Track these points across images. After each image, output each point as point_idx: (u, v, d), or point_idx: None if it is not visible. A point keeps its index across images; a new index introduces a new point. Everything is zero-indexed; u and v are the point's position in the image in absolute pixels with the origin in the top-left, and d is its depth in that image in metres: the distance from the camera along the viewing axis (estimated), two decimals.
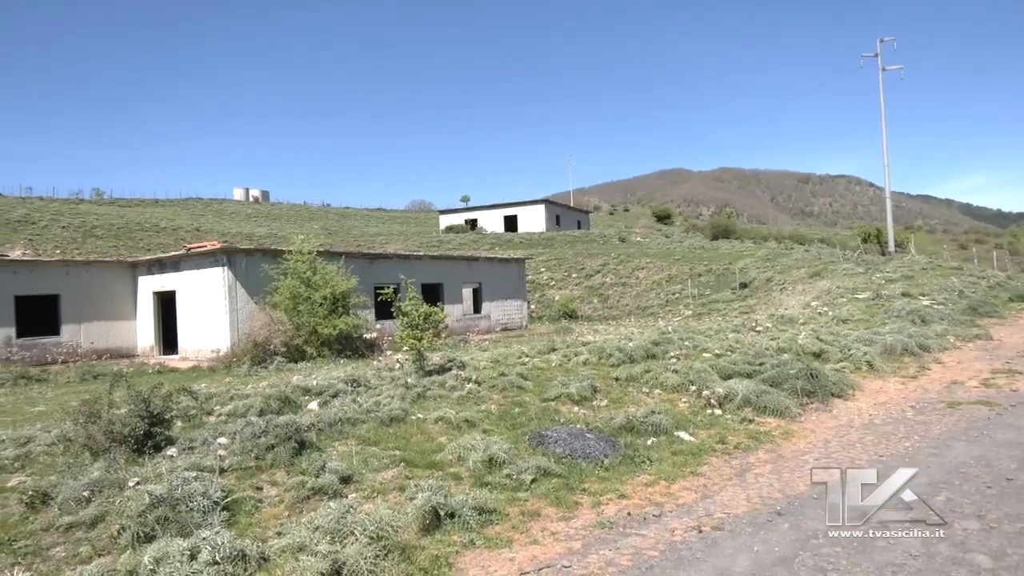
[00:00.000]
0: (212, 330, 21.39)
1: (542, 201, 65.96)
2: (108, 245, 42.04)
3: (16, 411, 13.15)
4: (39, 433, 8.77)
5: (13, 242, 37.76)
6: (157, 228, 49.12)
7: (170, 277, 23.34)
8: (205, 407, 9.83)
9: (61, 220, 46.54)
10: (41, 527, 5.64)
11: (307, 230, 52.36)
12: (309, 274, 20.70)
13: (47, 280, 22.81)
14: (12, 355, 21.22)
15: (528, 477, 6.87)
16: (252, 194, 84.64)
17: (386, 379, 11.70)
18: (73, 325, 23.03)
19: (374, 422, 8.72)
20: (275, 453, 7.05)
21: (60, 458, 7.68)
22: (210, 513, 5.55)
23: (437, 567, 4.99)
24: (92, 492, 5.92)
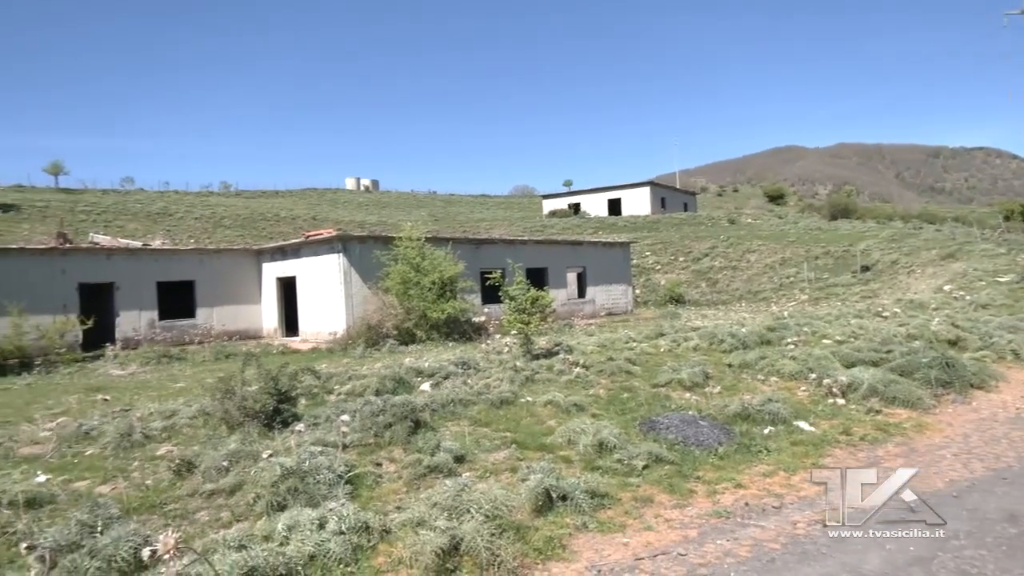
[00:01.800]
0: (329, 314, 22.49)
1: (647, 183, 64.58)
2: (235, 234, 45.03)
3: (160, 387, 14.39)
4: (182, 407, 9.57)
5: (154, 233, 41.20)
6: (278, 217, 52.14)
7: (291, 263, 24.71)
8: (326, 386, 10.36)
9: (194, 212, 50.28)
10: (187, 492, 6.16)
11: (415, 217, 53.91)
12: (418, 260, 21.31)
13: (184, 267, 24.75)
14: (155, 336, 23.23)
15: (640, 463, 6.79)
16: (363, 183, 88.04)
17: (494, 362, 11.89)
18: (207, 308, 24.89)
19: (484, 404, 8.89)
20: (393, 431, 7.34)
21: (201, 430, 8.36)
22: (335, 486, 5.85)
23: (551, 548, 5.03)
24: (230, 462, 6.40)
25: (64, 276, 21.96)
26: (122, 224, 43.34)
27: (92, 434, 8.42)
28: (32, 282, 21.12)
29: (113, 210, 47.04)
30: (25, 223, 39.99)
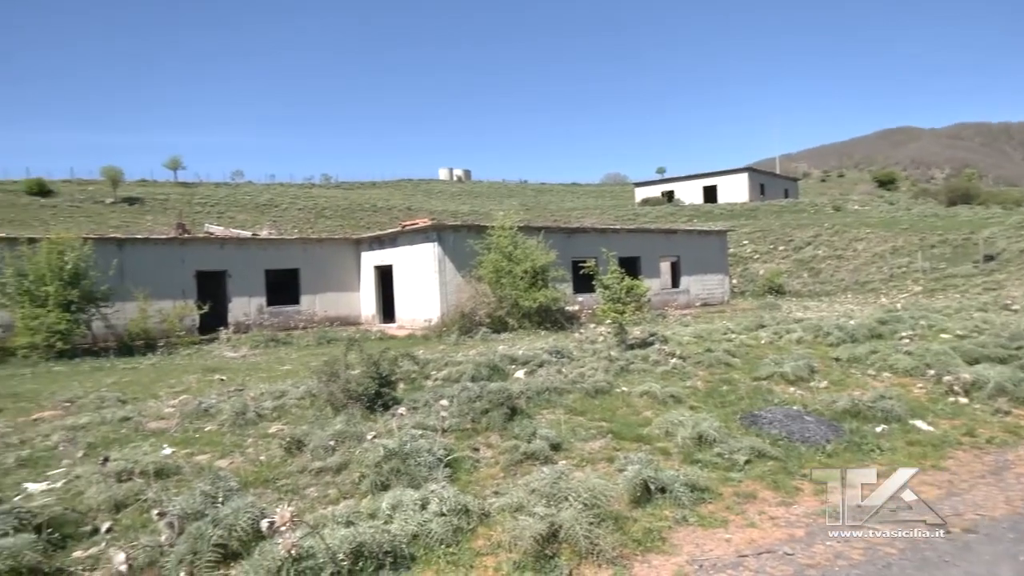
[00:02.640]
0: (424, 301, 23.05)
1: (744, 169, 62.28)
2: (335, 224, 46.88)
3: (269, 369, 15.20)
4: (290, 388, 10.07)
5: (261, 223, 43.47)
6: (375, 208, 53.86)
7: (388, 252, 25.47)
8: (423, 371, 10.63)
9: (297, 203, 52.69)
10: (297, 469, 6.47)
11: (506, 206, 54.31)
12: (511, 248, 21.47)
13: (289, 256, 26.01)
14: (264, 321, 24.56)
15: (741, 457, 6.58)
16: (456, 174, 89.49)
17: (588, 351, 11.83)
18: (310, 295, 26.07)
19: (579, 393, 8.86)
20: (489, 417, 7.44)
21: (308, 411, 8.77)
22: (435, 469, 5.99)
23: (650, 539, 4.96)
24: (336, 442, 6.68)
25: (183, 264, 23.56)
26: (233, 215, 45.98)
27: (210, 411, 9.00)
28: (155, 270, 22.78)
29: (225, 202, 49.99)
30: (148, 215, 43.12)
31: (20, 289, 18.80)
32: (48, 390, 12.93)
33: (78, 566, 4.59)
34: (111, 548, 4.71)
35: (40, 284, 18.71)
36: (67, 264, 18.94)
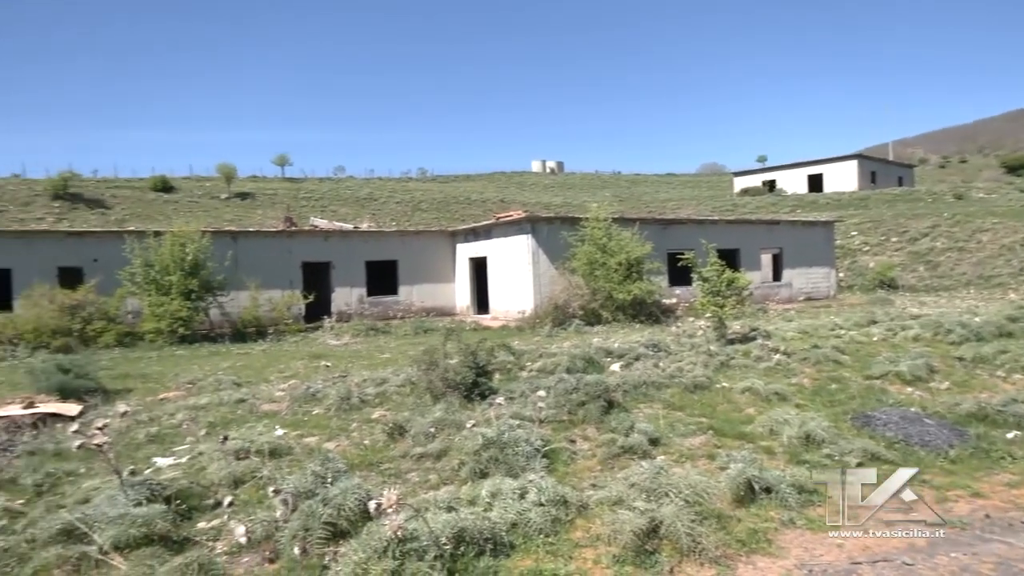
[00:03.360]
0: (518, 293, 23.21)
1: (853, 156, 58.85)
2: (431, 217, 47.94)
3: (370, 357, 15.75)
4: (390, 376, 10.39)
5: (361, 216, 45.07)
6: (469, 200, 54.67)
7: (482, 244, 25.81)
8: (519, 362, 10.70)
9: (395, 197, 54.22)
10: (399, 454, 6.68)
11: (599, 198, 53.79)
12: (605, 240, 21.26)
13: (388, 248, 26.84)
14: (364, 310, 25.48)
15: (853, 460, 6.25)
16: (548, 165, 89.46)
17: (686, 345, 11.56)
18: (407, 286, 26.82)
19: (678, 388, 8.68)
20: (586, 410, 7.41)
21: (408, 398, 9.02)
22: (532, 459, 6.03)
23: (755, 540, 4.80)
24: (436, 429, 6.84)
25: (291, 256, 24.78)
26: (335, 209, 47.88)
27: (317, 396, 9.43)
28: (266, 261, 24.08)
29: (328, 196, 52.12)
30: (259, 209, 45.59)
31: (147, 278, 20.33)
32: (172, 372, 13.94)
33: (203, 536, 4.92)
34: (232, 521, 5.02)
35: (164, 274, 20.17)
36: (188, 255, 20.32)
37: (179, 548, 4.65)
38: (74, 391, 10.64)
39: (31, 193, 40.14)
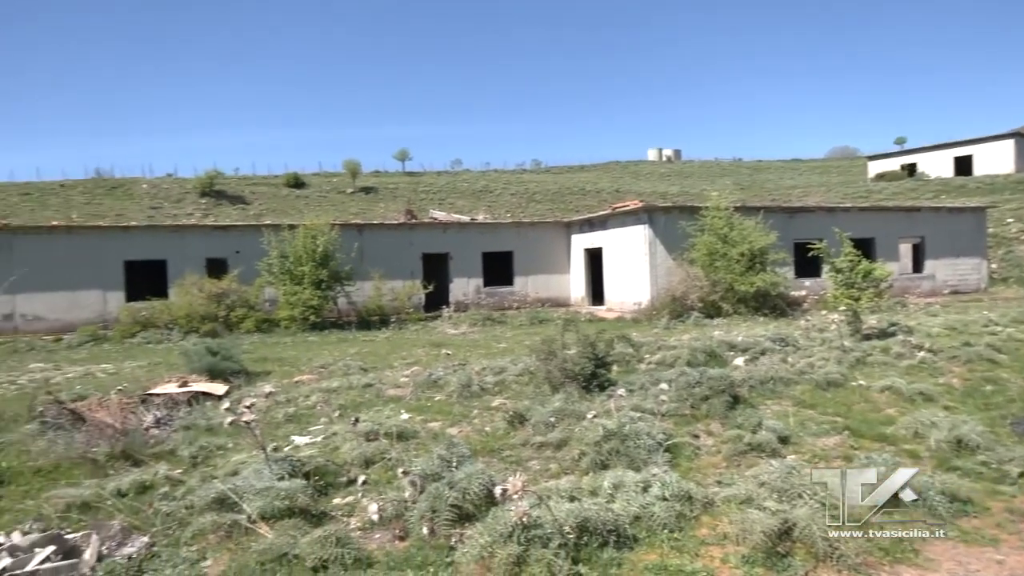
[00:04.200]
0: (634, 284, 22.86)
1: (1011, 135, 53.13)
2: (545, 208, 48.11)
3: (487, 346, 16.06)
4: (508, 365, 10.54)
5: (477, 208, 45.97)
6: (583, 191, 54.40)
7: (597, 235, 25.61)
8: (637, 354, 10.55)
9: (510, 188, 54.85)
10: (519, 442, 6.77)
11: (719, 186, 51.92)
12: (726, 230, 20.49)
13: (504, 239, 27.21)
14: (481, 301, 26.01)
15: (1014, 469, 5.68)
16: (665, 154, 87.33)
17: (816, 340, 10.95)
18: (522, 277, 27.10)
19: (808, 384, 8.24)
20: (709, 404, 7.19)
21: (526, 387, 9.12)
22: (654, 452, 5.92)
23: (900, 550, 4.47)
24: (556, 419, 6.87)
25: (411, 247, 25.69)
26: (452, 201, 49.12)
27: (439, 383, 9.73)
28: (388, 252, 25.10)
29: (445, 189, 53.54)
30: (381, 203, 47.56)
31: (282, 269, 21.77)
32: (304, 356, 14.85)
33: (338, 511, 5.21)
34: (364, 499, 5.28)
35: (297, 264, 21.50)
36: (319, 247, 21.55)
37: (317, 521, 4.94)
38: (221, 372, 11.56)
39: (181, 191, 43.93)
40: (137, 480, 5.99)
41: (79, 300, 22.15)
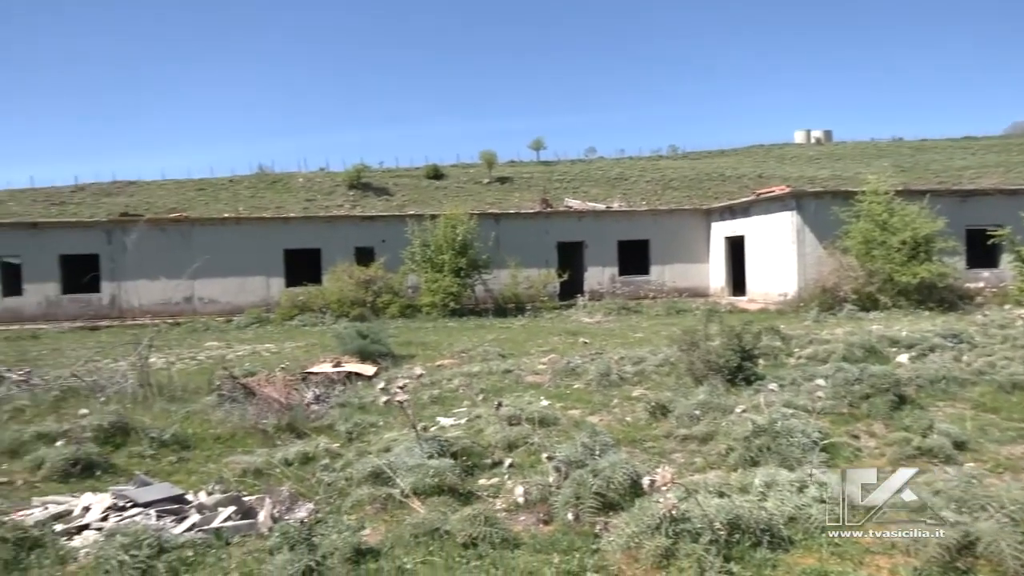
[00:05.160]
0: (779, 274, 21.69)
1: None
2: (682, 195, 46.72)
3: (623, 335, 15.89)
4: (647, 355, 10.36)
5: (612, 196, 45.48)
6: (723, 177, 52.25)
7: (740, 223, 24.51)
8: (786, 348, 10.01)
9: (646, 175, 53.76)
10: (662, 434, 6.63)
11: (876, 168, 47.93)
12: (885, 216, 18.94)
13: (640, 227, 26.75)
14: (615, 290, 25.77)
15: None
16: (813, 135, 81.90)
17: (996, 337, 9.88)
18: (659, 266, 26.52)
19: (989, 386, 7.44)
20: (871, 403, 6.68)
21: (667, 378, 8.92)
22: (809, 452, 5.58)
23: None
24: (701, 412, 6.66)
25: (547, 236, 25.89)
26: (586, 190, 48.92)
27: (577, 371, 9.75)
28: (524, 241, 25.44)
29: (579, 177, 53.40)
30: (516, 192, 48.28)
31: (424, 257, 22.71)
32: (446, 341, 15.42)
33: (484, 492, 5.36)
34: (510, 481, 5.39)
35: (438, 253, 22.34)
36: (458, 236, 22.26)
37: (465, 500, 5.10)
38: (370, 354, 12.25)
39: (332, 184, 46.90)
40: (301, 451, 6.48)
41: (246, 285, 24.33)
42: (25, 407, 8.55)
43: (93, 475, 6.11)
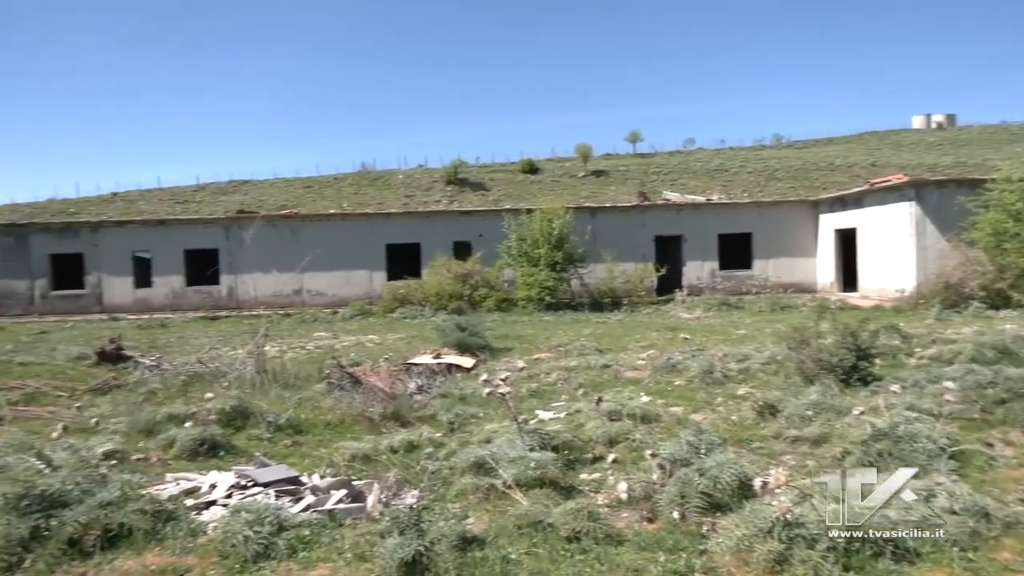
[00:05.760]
0: (895, 269, 20.36)
1: None
2: (787, 187, 44.68)
3: (724, 332, 15.39)
4: (752, 353, 9.99)
5: (711, 188, 44.12)
6: (832, 166, 49.54)
7: (851, 214, 23.18)
8: (907, 348, 9.39)
9: (748, 166, 51.78)
10: (770, 434, 6.37)
11: (1006, 154, 44.11)
12: (1019, 206, 17.37)
13: (742, 220, 25.81)
14: (716, 285, 25.01)
15: None
16: (934, 120, 76.26)
17: None
18: (762, 260, 25.50)
19: None
20: (1008, 409, 6.17)
21: (774, 377, 8.57)
22: (936, 458, 5.21)
23: None
24: (813, 412, 6.35)
25: (643, 229, 25.45)
26: (685, 182, 47.69)
27: (678, 367, 9.53)
28: (620, 235, 25.13)
29: (677, 170, 52.12)
30: (611, 186, 47.73)
31: (520, 251, 22.84)
32: (542, 335, 15.46)
33: (585, 487, 5.33)
34: (612, 477, 5.34)
35: (534, 247, 22.41)
36: (554, 230, 22.24)
37: (566, 494, 5.09)
38: (468, 346, 12.46)
39: (430, 180, 47.99)
40: (405, 439, 6.68)
41: (351, 278, 25.33)
42: (157, 390, 9.28)
43: (217, 455, 6.54)
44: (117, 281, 25.83)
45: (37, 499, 4.31)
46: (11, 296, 25.67)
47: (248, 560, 4.06)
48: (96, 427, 7.57)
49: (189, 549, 4.28)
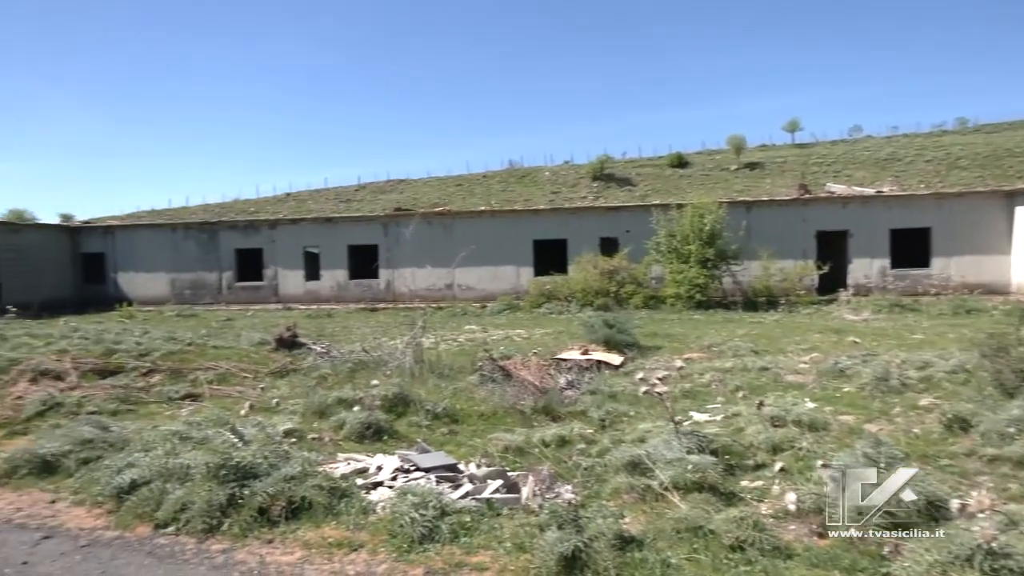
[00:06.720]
0: None
1: None
2: (972, 176, 40.10)
3: (898, 336, 14.08)
4: (935, 360, 9.04)
5: (881, 179, 40.53)
6: None
7: None
8: None
9: (925, 154, 47.04)
10: (962, 451, 5.72)
11: None
12: None
13: (918, 214, 23.49)
14: (887, 284, 22.96)
15: None
16: None
17: None
18: (943, 258, 23.08)
19: None
20: None
21: (962, 387, 7.69)
22: None
23: None
24: (1016, 430, 5.62)
25: (804, 224, 23.89)
26: (850, 173, 44.21)
27: (846, 373, 8.83)
28: (777, 230, 23.75)
29: (842, 160, 48.42)
30: (767, 178, 45.26)
31: (669, 247, 22.26)
32: (692, 334, 14.96)
33: (747, 494, 5.07)
34: (777, 486, 5.04)
35: (684, 243, 21.75)
36: (706, 226, 21.46)
37: (727, 500, 4.87)
38: (616, 344, 12.32)
39: (576, 176, 48.03)
40: (557, 434, 6.71)
41: (499, 274, 25.95)
42: (327, 375, 10.02)
43: (381, 439, 6.93)
44: (290, 274, 28.23)
45: (233, 469, 4.79)
46: (204, 286, 28.88)
47: (415, 541, 4.26)
48: (277, 407, 8.30)
49: (361, 526, 4.57)
